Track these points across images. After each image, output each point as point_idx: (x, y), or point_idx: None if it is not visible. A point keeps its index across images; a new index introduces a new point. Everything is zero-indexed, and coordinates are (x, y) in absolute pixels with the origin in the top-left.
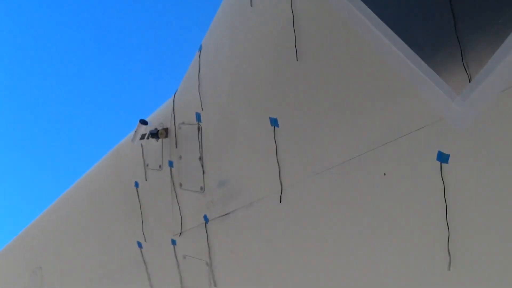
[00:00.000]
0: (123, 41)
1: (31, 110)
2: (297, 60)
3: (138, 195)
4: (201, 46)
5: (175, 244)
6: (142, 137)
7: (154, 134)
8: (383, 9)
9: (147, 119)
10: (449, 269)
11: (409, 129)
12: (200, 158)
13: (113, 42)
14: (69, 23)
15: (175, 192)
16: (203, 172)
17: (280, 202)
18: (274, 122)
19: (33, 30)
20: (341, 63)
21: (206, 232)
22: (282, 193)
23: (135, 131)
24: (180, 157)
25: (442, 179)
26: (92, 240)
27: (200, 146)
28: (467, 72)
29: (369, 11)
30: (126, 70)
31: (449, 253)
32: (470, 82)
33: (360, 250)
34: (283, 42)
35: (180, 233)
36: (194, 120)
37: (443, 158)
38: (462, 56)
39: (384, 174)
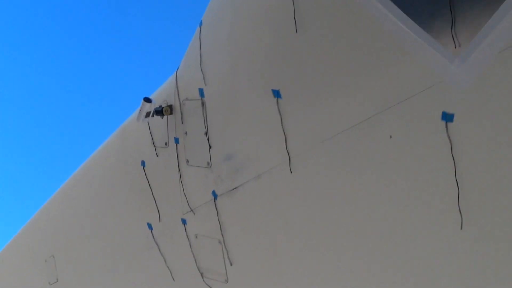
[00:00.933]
0: (118, 23)
1: (32, 105)
2: (296, 31)
3: (146, 174)
4: (201, 21)
5: (186, 224)
6: (147, 115)
7: (159, 112)
8: None
9: (150, 97)
10: (461, 228)
11: (412, 92)
12: (206, 133)
13: (108, 23)
14: (61, 15)
15: (182, 170)
16: (209, 147)
17: (291, 172)
18: (276, 93)
19: (32, 29)
20: (341, 31)
21: (216, 208)
22: (290, 162)
23: (140, 110)
24: (186, 133)
25: (449, 137)
26: (102, 224)
27: (205, 121)
28: (455, 41)
29: None
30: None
31: (460, 212)
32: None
33: (372, 214)
34: (282, 13)
35: (189, 212)
36: (198, 96)
37: (447, 117)
38: (452, 24)
39: (390, 137)
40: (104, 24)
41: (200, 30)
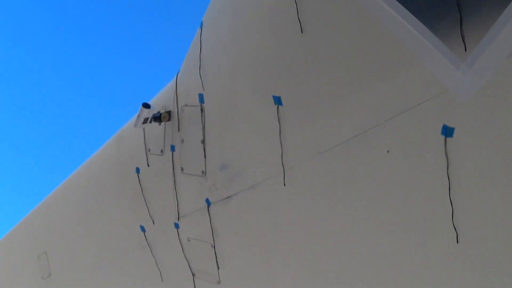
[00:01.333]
0: (119, 21)
1: (32, 103)
2: (302, 32)
3: (139, 181)
4: (202, 23)
5: (178, 228)
6: (145, 121)
7: (157, 118)
8: None
9: (149, 103)
10: (457, 242)
11: (413, 103)
12: (203, 141)
13: (110, 22)
14: (62, 15)
15: (176, 178)
16: (205, 156)
17: (284, 185)
18: (277, 100)
19: (32, 28)
20: (344, 38)
21: (209, 214)
22: (285, 174)
23: (138, 115)
24: (182, 141)
25: (446, 155)
26: (95, 225)
27: (203, 128)
28: (464, 42)
29: None
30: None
31: (454, 228)
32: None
33: (365, 229)
34: (285, 17)
35: (178, 218)
36: (197, 102)
37: (447, 132)
38: (461, 25)
39: (388, 151)
40: (106, 24)
41: (201, 32)
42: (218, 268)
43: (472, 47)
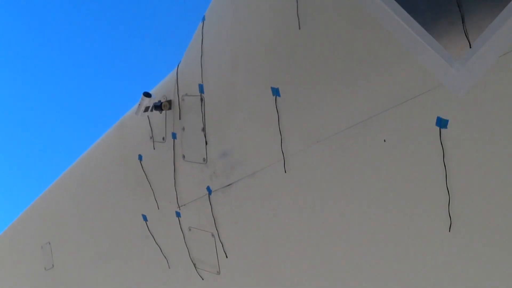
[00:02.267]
0: (123, 13)
1: (31, 98)
2: (299, 28)
3: (142, 168)
4: (204, 17)
5: (180, 217)
6: (146, 109)
7: (158, 107)
8: None
9: (150, 92)
10: (449, 231)
11: (409, 96)
12: (203, 129)
13: (111, 15)
14: (54, 12)
15: (177, 165)
16: (206, 143)
17: (285, 172)
18: (275, 91)
19: (30, 26)
20: (341, 31)
21: (210, 203)
22: (284, 162)
23: (139, 104)
24: (183, 129)
25: (442, 144)
26: (98, 213)
27: (203, 117)
28: (468, 38)
29: None
30: (127, 43)
31: (450, 216)
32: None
33: (363, 216)
34: (284, 11)
35: (179, 206)
36: (197, 92)
37: (442, 123)
38: (463, 22)
39: (384, 140)
40: (106, 18)
41: (203, 26)
42: (227, 257)
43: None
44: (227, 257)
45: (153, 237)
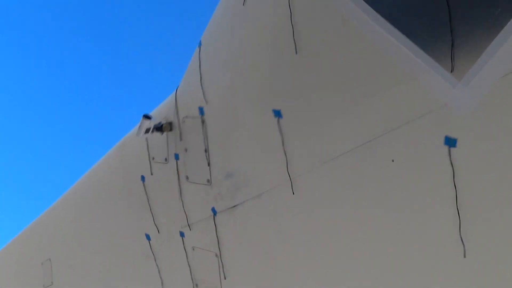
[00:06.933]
0: (122, 39)
1: (34, 108)
2: (296, 53)
3: (145, 189)
4: (200, 42)
5: (184, 236)
6: (147, 131)
7: (159, 128)
8: (378, 4)
9: (150, 114)
10: (464, 256)
11: (415, 116)
12: (206, 151)
13: (112, 41)
14: (65, 19)
15: (182, 185)
16: (209, 165)
17: (293, 194)
18: (277, 113)
19: (32, 28)
20: (342, 54)
21: (215, 224)
22: (292, 184)
23: (139, 126)
24: (186, 150)
25: (451, 164)
26: (100, 233)
27: (205, 139)
28: (452, 63)
29: (366, 6)
30: (125, 69)
31: (462, 240)
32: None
33: (372, 240)
34: (281, 35)
35: (189, 226)
36: (198, 114)
37: (450, 142)
38: (452, 47)
39: (392, 160)
40: (108, 32)
41: (200, 51)
42: (225, 278)
43: (461, 69)
44: (225, 278)
45: (154, 257)
